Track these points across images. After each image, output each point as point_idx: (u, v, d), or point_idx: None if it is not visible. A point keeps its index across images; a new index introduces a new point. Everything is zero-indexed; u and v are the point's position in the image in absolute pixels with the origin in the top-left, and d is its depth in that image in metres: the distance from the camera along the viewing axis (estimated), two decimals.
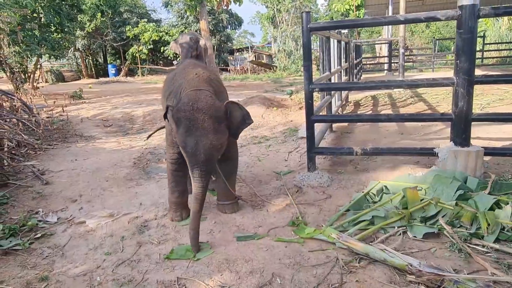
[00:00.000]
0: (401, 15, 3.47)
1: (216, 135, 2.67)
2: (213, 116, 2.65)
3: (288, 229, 3.01)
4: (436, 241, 2.64)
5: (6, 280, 2.45)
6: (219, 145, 2.72)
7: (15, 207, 3.60)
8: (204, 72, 3.07)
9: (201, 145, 2.62)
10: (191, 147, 2.65)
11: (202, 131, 2.63)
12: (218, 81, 3.21)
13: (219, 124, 2.71)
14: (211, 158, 2.71)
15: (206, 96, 2.73)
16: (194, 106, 2.65)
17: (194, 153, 2.65)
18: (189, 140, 2.65)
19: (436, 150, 3.38)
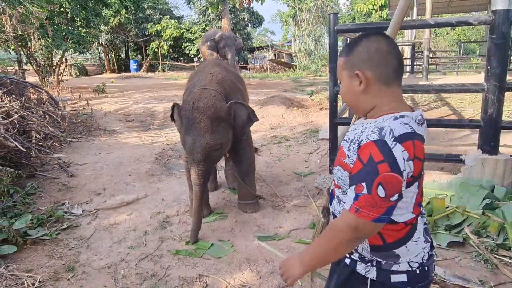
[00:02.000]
0: (432, 19, 3.40)
1: (213, 135, 2.70)
2: (211, 117, 2.68)
3: (309, 231, 3.01)
4: (461, 250, 2.59)
5: (35, 268, 2.53)
6: (217, 146, 2.74)
7: (42, 198, 3.71)
8: (220, 72, 3.11)
9: (198, 145, 2.67)
10: (189, 146, 2.71)
11: (200, 131, 2.68)
12: (234, 82, 3.21)
13: (218, 124, 2.73)
14: (209, 158, 2.75)
15: (209, 96, 2.76)
16: (194, 106, 2.70)
17: (191, 152, 2.72)
18: (188, 139, 2.71)
19: (463, 157, 3.31)
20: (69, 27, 11.85)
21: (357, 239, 1.02)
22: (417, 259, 1.08)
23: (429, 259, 1.12)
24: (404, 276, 1.07)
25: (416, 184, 1.03)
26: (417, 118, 1.05)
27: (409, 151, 0.95)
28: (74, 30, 12.19)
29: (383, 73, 1.05)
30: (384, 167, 0.93)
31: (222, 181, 4.08)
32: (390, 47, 1.07)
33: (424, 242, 1.11)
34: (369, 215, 0.95)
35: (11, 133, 3.94)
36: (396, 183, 0.94)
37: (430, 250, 1.14)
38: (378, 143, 0.95)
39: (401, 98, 1.10)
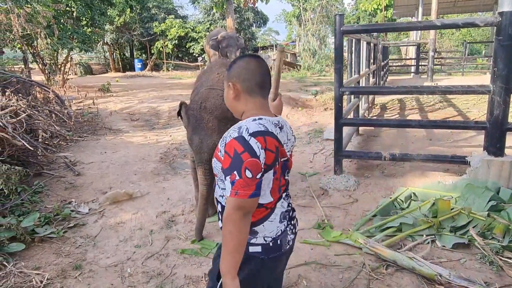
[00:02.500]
0: (438, 20, 3.40)
1: (220, 135, 2.68)
2: (219, 117, 2.70)
3: (314, 231, 3.02)
4: (466, 252, 2.60)
5: (43, 266, 2.56)
6: None
7: (49, 196, 3.75)
8: None
9: (205, 144, 2.69)
10: (196, 145, 2.73)
11: (207, 131, 2.69)
12: None
13: (225, 124, 2.74)
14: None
15: (217, 96, 2.77)
16: (202, 106, 2.71)
17: (198, 152, 2.73)
18: (195, 139, 2.72)
19: (468, 159, 3.31)
20: (74, 26, 11.92)
21: (245, 215, 1.22)
22: (271, 235, 1.34)
23: (281, 234, 1.36)
24: (259, 247, 1.32)
25: (271, 172, 1.29)
26: (273, 121, 1.34)
27: (261, 143, 1.22)
28: (79, 29, 12.26)
29: (248, 86, 1.34)
30: (246, 156, 1.19)
31: None
32: (256, 67, 1.36)
33: (279, 222, 1.37)
34: (245, 193, 1.19)
35: (19, 132, 3.98)
36: (257, 165, 1.20)
37: (287, 226, 1.40)
38: (238, 139, 1.23)
39: (263, 106, 1.38)
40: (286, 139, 1.38)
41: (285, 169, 1.40)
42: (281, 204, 1.38)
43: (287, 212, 1.41)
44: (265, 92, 1.38)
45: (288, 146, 1.39)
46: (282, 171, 1.37)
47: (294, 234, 1.43)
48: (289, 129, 1.43)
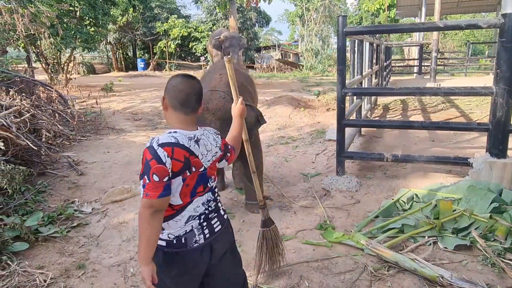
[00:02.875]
0: (441, 22, 3.40)
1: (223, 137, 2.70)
2: (221, 118, 2.70)
3: (316, 232, 3.03)
4: (468, 254, 2.60)
5: (46, 265, 2.58)
6: None
7: (52, 195, 3.77)
8: None
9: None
10: None
11: None
12: (243, 84, 3.19)
13: (228, 125, 2.75)
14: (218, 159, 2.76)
15: (219, 97, 2.79)
16: (204, 107, 2.71)
17: None
18: None
19: (471, 160, 3.31)
20: (78, 26, 11.96)
21: (155, 212, 1.39)
22: (174, 233, 1.49)
23: (186, 234, 1.51)
24: (164, 242, 1.49)
25: (180, 178, 1.45)
26: (188, 135, 1.49)
27: (167, 152, 1.39)
28: (83, 29, 12.30)
29: (173, 102, 1.50)
30: (153, 162, 1.37)
31: (229, 182, 4.11)
32: (184, 87, 1.52)
33: (184, 223, 1.50)
34: (154, 194, 1.36)
35: (23, 131, 4.00)
36: (163, 170, 1.37)
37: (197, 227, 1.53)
38: (149, 148, 1.40)
39: (184, 121, 1.53)
40: (205, 150, 1.54)
41: (205, 178, 1.56)
42: (193, 208, 1.53)
43: (203, 215, 1.56)
44: (188, 110, 1.52)
45: (208, 157, 1.55)
46: (200, 180, 1.53)
47: (209, 233, 1.57)
48: (211, 142, 1.59)
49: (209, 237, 1.56)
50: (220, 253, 1.62)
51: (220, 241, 1.61)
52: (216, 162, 1.63)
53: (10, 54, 13.52)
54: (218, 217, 1.63)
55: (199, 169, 1.51)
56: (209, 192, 1.60)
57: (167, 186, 1.39)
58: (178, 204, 1.48)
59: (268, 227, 2.41)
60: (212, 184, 1.61)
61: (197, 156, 1.50)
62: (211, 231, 1.57)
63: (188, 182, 1.48)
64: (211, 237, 1.57)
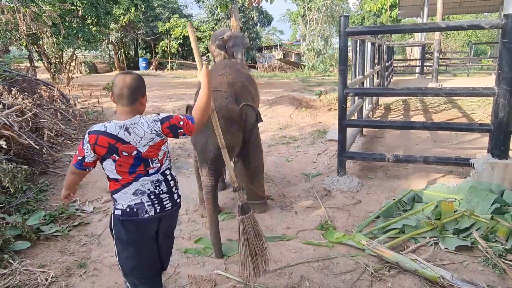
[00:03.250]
0: (443, 22, 3.40)
1: (226, 136, 2.68)
2: (224, 117, 2.71)
3: (317, 232, 3.03)
4: (469, 255, 2.60)
5: (48, 264, 2.59)
6: (229, 146, 2.73)
7: (54, 194, 3.78)
8: (231, 73, 3.13)
9: (211, 144, 2.68)
10: (201, 145, 2.73)
11: (213, 131, 2.69)
12: (244, 84, 3.21)
13: (231, 125, 2.76)
14: (220, 158, 2.70)
15: (221, 97, 2.79)
16: None
17: (203, 151, 2.73)
18: (200, 138, 2.73)
19: (472, 161, 3.30)
20: (80, 25, 11.98)
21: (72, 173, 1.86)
22: (126, 203, 1.81)
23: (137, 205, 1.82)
24: (119, 211, 1.83)
25: (109, 161, 1.76)
26: (119, 124, 1.75)
27: (90, 139, 1.72)
28: (85, 28, 12.32)
29: (113, 96, 1.79)
30: (81, 144, 1.76)
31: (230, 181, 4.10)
32: (118, 82, 1.77)
33: (132, 195, 1.81)
34: (74, 162, 1.79)
35: (25, 130, 4.01)
36: (81, 150, 1.75)
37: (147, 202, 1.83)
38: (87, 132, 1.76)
39: (121, 112, 1.79)
40: (137, 137, 1.78)
41: (142, 159, 1.81)
42: (140, 184, 1.82)
43: (152, 193, 1.85)
44: (123, 102, 1.77)
45: (142, 142, 1.79)
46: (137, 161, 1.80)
47: (160, 209, 1.87)
48: (145, 129, 1.80)
49: (159, 212, 1.87)
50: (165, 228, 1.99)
51: (169, 218, 1.97)
52: (157, 146, 1.84)
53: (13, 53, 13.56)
54: (170, 199, 1.92)
55: (131, 153, 1.77)
56: (158, 174, 1.87)
57: (80, 161, 1.77)
58: (118, 179, 1.80)
59: (247, 213, 2.35)
60: (157, 165, 1.87)
61: (128, 142, 1.75)
62: (162, 208, 1.88)
63: (121, 163, 1.77)
64: (161, 213, 1.88)
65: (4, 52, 8.07)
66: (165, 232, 1.99)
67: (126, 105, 1.77)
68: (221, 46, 12.22)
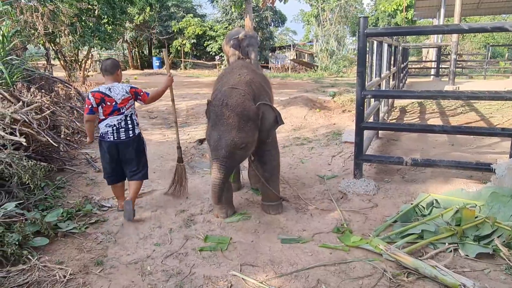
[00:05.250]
0: (466, 24, 3.32)
1: (240, 133, 2.70)
2: (239, 114, 2.70)
3: (333, 235, 3.00)
4: (490, 262, 2.53)
5: (66, 261, 2.62)
6: (242, 144, 2.74)
7: (71, 191, 3.82)
8: (248, 73, 3.13)
9: (224, 141, 2.68)
10: (214, 140, 2.73)
11: (226, 127, 2.69)
12: (261, 84, 3.22)
13: (246, 123, 2.74)
14: (232, 155, 2.74)
15: (238, 94, 2.78)
16: (223, 102, 2.72)
17: (216, 147, 2.73)
18: (213, 134, 2.73)
19: (494, 166, 3.23)
20: (96, 24, 12.12)
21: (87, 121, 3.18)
22: (101, 130, 3.15)
23: (105, 133, 3.14)
24: (99, 135, 3.19)
25: (100, 106, 3.08)
26: (106, 87, 3.09)
27: (91, 94, 3.06)
28: (101, 27, 12.46)
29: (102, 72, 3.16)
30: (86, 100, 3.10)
31: (245, 182, 4.10)
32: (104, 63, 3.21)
33: (105, 126, 3.12)
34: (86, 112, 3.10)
35: (43, 128, 4.07)
36: (88, 102, 3.06)
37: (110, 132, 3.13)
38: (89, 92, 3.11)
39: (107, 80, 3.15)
40: (115, 93, 3.09)
41: (117, 107, 3.11)
42: (110, 121, 3.11)
43: (114, 126, 3.13)
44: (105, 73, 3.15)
45: (118, 96, 3.09)
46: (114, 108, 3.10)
47: (117, 138, 3.16)
48: (119, 89, 3.13)
49: (116, 139, 3.16)
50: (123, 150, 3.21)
51: (124, 145, 3.19)
52: (128, 99, 3.15)
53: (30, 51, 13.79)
54: (125, 132, 3.17)
55: (112, 103, 3.08)
56: (121, 116, 3.14)
57: (90, 109, 3.06)
58: (102, 118, 3.11)
59: (181, 162, 3.72)
60: (125, 111, 3.15)
61: (110, 96, 3.07)
62: (118, 137, 3.16)
63: (105, 109, 3.08)
64: (116, 140, 3.16)
65: (22, 50, 8.20)
66: (124, 153, 3.21)
67: (106, 75, 3.15)
68: (236, 46, 12.24)
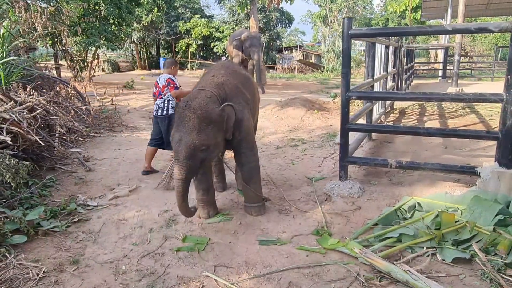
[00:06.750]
0: (449, 25, 3.28)
1: (200, 136, 2.72)
2: (200, 117, 2.72)
3: (312, 237, 2.98)
4: (467, 268, 2.49)
5: (42, 259, 2.65)
6: (203, 146, 2.75)
7: (58, 190, 3.87)
8: (224, 75, 3.15)
9: (183, 142, 2.71)
10: (175, 142, 2.77)
11: (187, 129, 2.71)
12: (237, 86, 3.20)
13: (207, 125, 2.76)
14: (193, 156, 2.75)
15: (204, 97, 2.81)
16: (187, 104, 2.76)
17: (176, 149, 2.76)
18: (175, 136, 2.77)
19: (478, 170, 3.18)
20: (102, 25, 12.27)
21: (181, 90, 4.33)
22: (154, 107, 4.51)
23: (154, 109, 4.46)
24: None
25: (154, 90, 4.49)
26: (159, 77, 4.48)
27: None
28: (107, 28, 12.60)
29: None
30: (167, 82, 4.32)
31: (233, 183, 4.09)
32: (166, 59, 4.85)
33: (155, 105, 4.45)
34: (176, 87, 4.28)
35: (33, 127, 4.12)
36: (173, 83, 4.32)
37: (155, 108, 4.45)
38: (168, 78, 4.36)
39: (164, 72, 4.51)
40: (160, 82, 4.34)
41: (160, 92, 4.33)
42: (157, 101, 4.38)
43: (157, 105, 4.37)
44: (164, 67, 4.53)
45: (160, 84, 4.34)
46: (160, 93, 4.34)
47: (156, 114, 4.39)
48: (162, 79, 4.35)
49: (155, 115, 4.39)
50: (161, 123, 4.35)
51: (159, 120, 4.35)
52: (165, 87, 4.29)
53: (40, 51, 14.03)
54: (161, 111, 4.32)
55: (158, 89, 4.34)
56: (162, 99, 4.31)
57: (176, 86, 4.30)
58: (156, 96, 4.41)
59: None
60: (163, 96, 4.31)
61: (158, 83, 4.35)
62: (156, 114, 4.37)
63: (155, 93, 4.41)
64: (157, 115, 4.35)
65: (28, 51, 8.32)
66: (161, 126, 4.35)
67: (165, 68, 4.47)
68: (238, 47, 12.28)
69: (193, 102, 2.75)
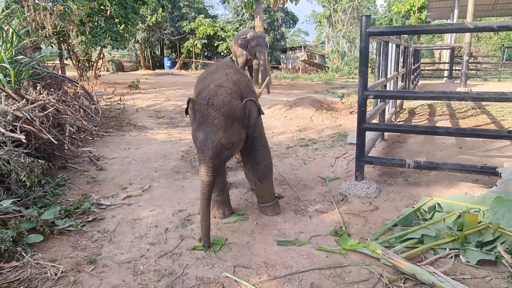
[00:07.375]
0: (471, 23, 3.22)
1: (226, 133, 2.63)
2: (226, 114, 2.63)
3: (330, 238, 2.93)
4: (492, 270, 2.44)
5: (59, 259, 2.61)
6: (229, 144, 2.67)
7: (71, 189, 3.84)
8: (235, 73, 3.09)
9: (210, 141, 2.61)
10: (200, 141, 2.65)
11: (213, 127, 2.61)
12: (248, 84, 3.19)
13: (232, 123, 2.67)
14: (219, 156, 2.67)
15: (225, 93, 2.70)
16: (209, 102, 2.64)
17: (202, 149, 2.65)
18: (199, 135, 2.65)
19: (499, 170, 3.12)
20: (108, 24, 12.25)
21: None
22: None
23: None
24: None
25: None
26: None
27: None
28: (112, 28, 12.59)
29: None
30: None
31: (245, 182, 4.05)
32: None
33: None
34: None
35: (46, 125, 4.10)
36: None
37: None
38: None
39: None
40: None
41: None
42: None
43: None
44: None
45: None
46: None
47: None
48: None
49: None
50: None
51: None
52: None
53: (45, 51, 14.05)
54: None
55: None
56: None
57: None
58: None
59: None
60: None
61: None
62: None
63: None
64: None
65: (34, 50, 8.32)
66: None
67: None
68: (243, 46, 12.25)
69: (215, 99, 2.65)
